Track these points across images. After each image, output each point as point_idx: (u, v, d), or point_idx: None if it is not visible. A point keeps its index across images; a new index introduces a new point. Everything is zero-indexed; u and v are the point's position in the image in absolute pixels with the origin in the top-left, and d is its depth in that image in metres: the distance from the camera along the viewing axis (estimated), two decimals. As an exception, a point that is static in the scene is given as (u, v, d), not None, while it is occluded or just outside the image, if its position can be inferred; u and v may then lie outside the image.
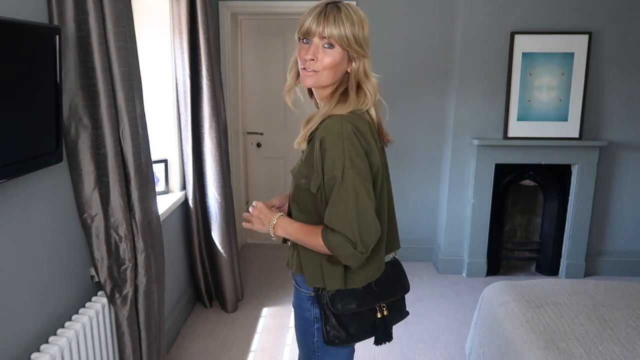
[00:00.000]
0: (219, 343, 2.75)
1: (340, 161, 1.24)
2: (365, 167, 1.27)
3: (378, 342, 1.45)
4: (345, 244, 1.24)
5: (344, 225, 1.23)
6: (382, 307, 1.43)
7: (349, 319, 1.39)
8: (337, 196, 1.24)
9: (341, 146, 1.24)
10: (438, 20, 3.53)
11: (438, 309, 3.16)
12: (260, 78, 4.23)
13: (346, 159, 1.23)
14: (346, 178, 1.23)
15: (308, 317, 1.45)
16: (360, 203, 1.24)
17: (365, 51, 1.34)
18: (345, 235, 1.23)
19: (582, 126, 3.40)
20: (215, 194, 2.89)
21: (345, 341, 1.40)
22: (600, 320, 1.99)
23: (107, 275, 1.78)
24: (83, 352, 1.64)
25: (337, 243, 1.25)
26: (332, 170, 1.25)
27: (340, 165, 1.24)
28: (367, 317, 1.41)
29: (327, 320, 1.38)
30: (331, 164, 1.25)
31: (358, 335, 1.42)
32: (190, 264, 3.03)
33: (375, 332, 1.44)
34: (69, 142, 1.63)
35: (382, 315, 1.43)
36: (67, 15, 1.55)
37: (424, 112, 3.68)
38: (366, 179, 1.27)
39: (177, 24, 2.63)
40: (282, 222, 1.39)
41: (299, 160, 1.41)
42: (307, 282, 1.40)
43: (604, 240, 3.70)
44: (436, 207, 3.85)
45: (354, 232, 1.23)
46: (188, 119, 2.75)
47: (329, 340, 1.39)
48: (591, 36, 3.31)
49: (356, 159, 1.24)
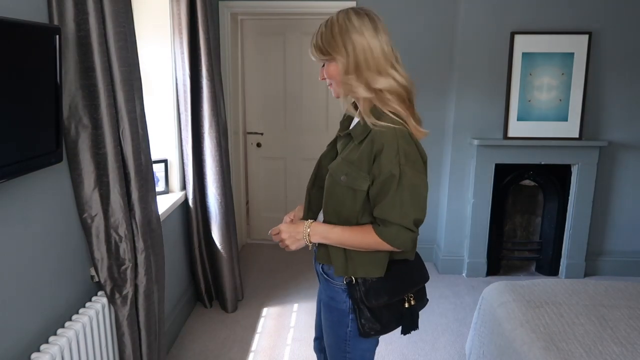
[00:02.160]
0: (219, 343, 2.75)
1: (396, 159, 1.31)
2: (418, 159, 1.36)
3: (406, 331, 1.52)
4: (403, 232, 1.34)
5: (401, 217, 1.33)
6: (410, 297, 1.50)
7: (380, 311, 1.45)
8: (395, 192, 1.32)
9: (396, 146, 1.32)
10: (438, 20, 3.53)
11: (438, 309, 3.16)
12: (260, 78, 4.23)
13: (401, 156, 1.32)
14: (403, 174, 1.32)
15: (343, 308, 1.48)
16: (418, 194, 1.34)
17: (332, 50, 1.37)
18: (402, 225, 1.33)
19: (582, 126, 3.40)
20: (215, 193, 2.89)
21: (379, 332, 1.46)
22: (600, 320, 1.99)
23: (107, 275, 1.78)
24: (83, 352, 1.64)
25: (395, 234, 1.34)
26: (390, 170, 1.32)
27: (396, 163, 1.31)
28: (397, 307, 1.48)
29: (362, 313, 1.44)
30: (388, 164, 1.32)
31: (390, 326, 1.48)
32: (190, 264, 3.03)
33: (403, 322, 1.50)
34: (69, 142, 1.63)
35: (409, 305, 1.50)
36: (67, 15, 1.55)
37: (424, 112, 3.61)
38: (421, 171, 1.36)
39: (177, 24, 2.63)
40: (318, 230, 1.44)
41: (338, 158, 1.45)
42: (335, 272, 1.45)
43: (604, 240, 3.70)
44: (436, 207, 3.85)
45: (409, 220, 1.33)
46: (188, 119, 2.75)
47: (365, 333, 1.45)
48: (591, 36, 3.31)
49: (410, 154, 1.33)
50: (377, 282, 1.43)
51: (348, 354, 1.53)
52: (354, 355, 1.53)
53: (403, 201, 1.32)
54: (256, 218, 4.46)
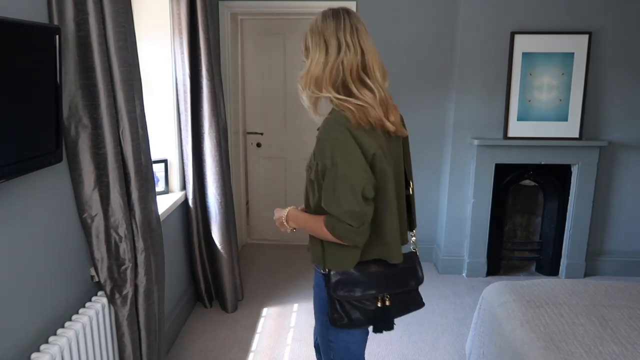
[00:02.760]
0: (219, 343, 2.75)
1: (329, 150, 1.35)
2: (355, 151, 1.35)
3: (377, 330, 1.52)
4: (339, 223, 1.35)
5: (335, 208, 1.35)
6: (385, 297, 1.49)
7: (351, 306, 1.47)
8: (328, 181, 1.36)
9: (329, 137, 1.36)
10: (438, 20, 3.53)
11: (438, 309, 3.16)
12: (260, 78, 4.23)
13: (333, 147, 1.35)
14: (335, 165, 1.34)
15: (324, 296, 1.53)
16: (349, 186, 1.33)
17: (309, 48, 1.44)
18: (336, 216, 1.35)
19: (582, 126, 3.40)
20: (215, 193, 2.89)
21: (347, 325, 1.49)
22: (600, 320, 1.99)
23: (107, 275, 1.78)
24: (83, 352, 1.64)
25: (333, 224, 1.37)
26: (323, 160, 1.36)
27: (329, 154, 1.35)
28: (369, 306, 1.49)
29: (332, 304, 1.48)
30: (320, 155, 1.37)
31: (359, 322, 1.49)
32: (190, 264, 3.03)
33: (374, 320, 1.51)
34: (69, 142, 1.63)
35: (382, 304, 1.49)
36: (67, 15, 1.55)
37: (424, 112, 3.68)
38: (357, 164, 1.35)
39: (177, 24, 2.63)
40: (291, 214, 1.55)
41: None
42: (311, 259, 1.53)
43: (604, 240, 3.70)
44: (436, 207, 3.85)
45: (341, 212, 1.34)
46: (188, 119, 2.75)
47: (332, 322, 1.49)
48: (591, 36, 3.31)
49: (342, 146, 1.35)
50: (348, 276, 1.45)
51: (331, 342, 1.58)
52: (337, 345, 1.57)
53: (335, 192, 1.35)
54: (256, 218, 4.46)
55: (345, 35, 1.38)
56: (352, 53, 1.38)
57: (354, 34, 1.39)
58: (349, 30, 1.39)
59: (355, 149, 1.35)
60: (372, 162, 1.37)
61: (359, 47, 1.39)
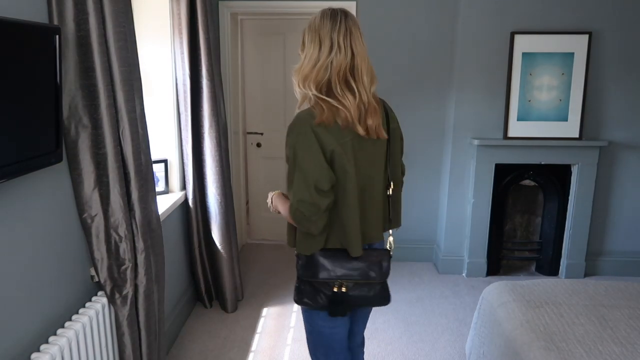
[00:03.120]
0: (219, 343, 2.75)
1: (292, 141, 1.45)
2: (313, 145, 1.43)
3: (332, 313, 1.60)
4: (296, 210, 1.44)
5: (291, 194, 1.45)
6: (341, 283, 1.56)
7: (312, 288, 1.57)
8: (289, 171, 1.48)
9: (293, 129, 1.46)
10: (438, 20, 3.53)
11: (438, 309, 3.16)
12: (260, 78, 4.23)
13: (295, 139, 1.44)
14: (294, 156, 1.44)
15: None
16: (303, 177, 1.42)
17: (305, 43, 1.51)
18: (292, 203, 1.45)
19: (582, 126, 3.40)
20: (215, 193, 2.89)
21: (309, 305, 1.59)
22: (600, 320, 1.99)
23: (107, 275, 1.78)
24: (83, 352, 1.64)
25: (292, 211, 1.46)
26: (287, 150, 1.48)
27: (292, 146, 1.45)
28: (323, 289, 1.57)
29: (299, 284, 1.60)
30: (287, 145, 1.48)
31: (319, 304, 1.58)
32: (190, 264, 3.03)
33: (330, 304, 1.58)
34: (69, 142, 1.63)
35: (339, 290, 1.56)
36: (67, 15, 1.55)
37: (424, 112, 3.68)
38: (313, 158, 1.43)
39: (177, 24, 2.63)
40: (275, 198, 1.68)
41: None
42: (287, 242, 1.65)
43: (604, 240, 3.70)
44: (436, 207, 3.85)
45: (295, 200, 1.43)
46: (188, 119, 2.75)
47: (296, 300, 1.61)
48: (591, 36, 3.31)
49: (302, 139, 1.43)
50: (310, 260, 1.55)
51: (307, 323, 1.70)
52: (311, 328, 1.69)
53: (293, 180, 1.45)
54: (256, 218, 4.46)
55: (339, 36, 1.45)
56: (342, 55, 1.45)
57: (347, 36, 1.46)
58: (342, 32, 1.45)
59: (313, 144, 1.43)
60: (331, 158, 1.45)
61: (350, 50, 1.45)
